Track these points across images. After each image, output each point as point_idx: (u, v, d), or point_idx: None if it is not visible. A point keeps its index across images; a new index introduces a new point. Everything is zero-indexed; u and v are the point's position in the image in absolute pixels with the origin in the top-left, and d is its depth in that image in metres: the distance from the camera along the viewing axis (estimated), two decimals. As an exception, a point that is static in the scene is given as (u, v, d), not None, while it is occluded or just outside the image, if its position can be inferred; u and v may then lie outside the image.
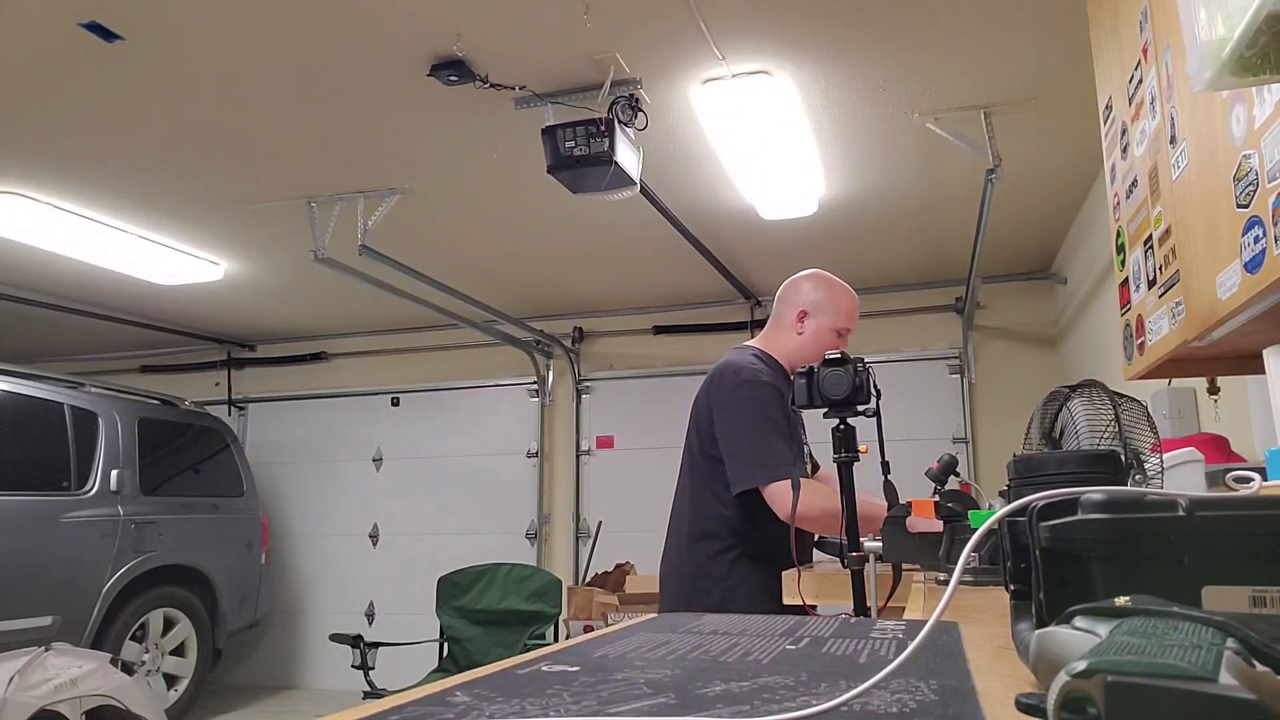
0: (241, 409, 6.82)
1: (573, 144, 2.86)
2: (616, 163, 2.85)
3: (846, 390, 1.78)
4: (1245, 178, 1.10)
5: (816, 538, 2.45)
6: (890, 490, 1.85)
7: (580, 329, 6.18)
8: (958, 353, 5.54)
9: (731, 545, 2.05)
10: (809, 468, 2.19)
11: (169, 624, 4.96)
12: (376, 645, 3.98)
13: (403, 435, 6.42)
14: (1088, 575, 0.54)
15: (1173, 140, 1.40)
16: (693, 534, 2.09)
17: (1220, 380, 1.81)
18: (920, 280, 5.51)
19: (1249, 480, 0.73)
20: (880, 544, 1.76)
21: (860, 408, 1.83)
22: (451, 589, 4.31)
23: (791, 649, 0.73)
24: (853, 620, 0.93)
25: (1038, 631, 0.50)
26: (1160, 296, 1.51)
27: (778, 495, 1.91)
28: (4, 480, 4.13)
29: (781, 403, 1.99)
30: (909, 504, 1.76)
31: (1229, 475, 0.80)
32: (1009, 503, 0.63)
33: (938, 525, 1.61)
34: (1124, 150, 1.71)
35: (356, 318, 6.22)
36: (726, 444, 2.01)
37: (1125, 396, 1.32)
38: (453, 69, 2.82)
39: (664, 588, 2.16)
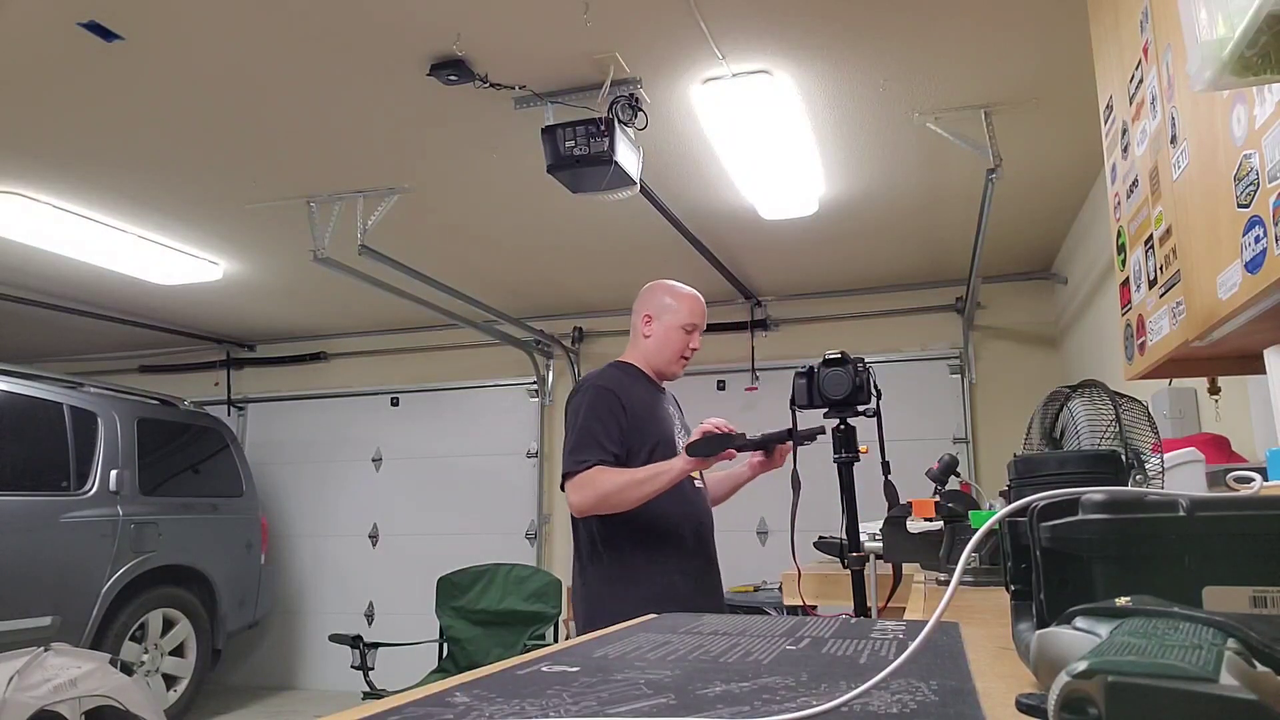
0: (241, 409, 6.81)
1: (573, 144, 2.86)
2: (616, 162, 2.85)
3: (847, 390, 1.78)
4: (1246, 177, 1.10)
5: (817, 538, 2.44)
6: (890, 490, 1.85)
7: (580, 329, 6.18)
8: (958, 353, 5.54)
9: (609, 562, 2.10)
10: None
11: (168, 624, 4.96)
12: (376, 645, 3.97)
13: (403, 435, 6.42)
14: (1088, 576, 0.54)
15: (1173, 140, 1.40)
16: (579, 556, 2.17)
17: (1221, 380, 1.81)
18: (920, 280, 5.51)
19: (1250, 480, 0.73)
20: (880, 543, 1.76)
21: (860, 408, 1.83)
22: (451, 589, 4.30)
23: (792, 649, 0.73)
24: (853, 621, 0.93)
25: (1038, 632, 0.50)
26: (1161, 296, 1.51)
27: (570, 489, 2.03)
28: (3, 480, 4.13)
29: (609, 400, 2.10)
30: (909, 504, 1.77)
31: (1230, 475, 0.80)
32: (1009, 503, 0.63)
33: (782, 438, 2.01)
34: (1124, 150, 1.71)
35: (356, 318, 6.22)
36: None
37: (1126, 396, 1.32)
38: (452, 69, 2.82)
39: (574, 613, 2.23)
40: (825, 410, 1.85)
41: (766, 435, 1.98)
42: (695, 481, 2.18)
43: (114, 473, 4.67)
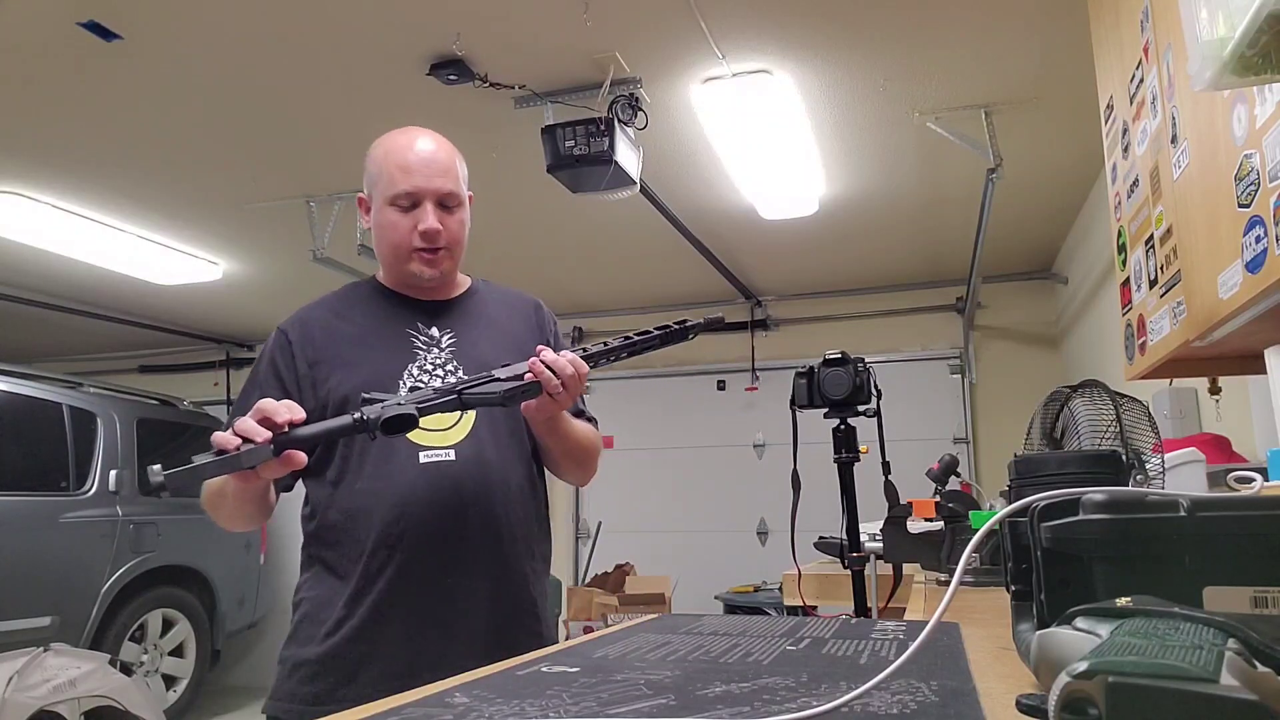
0: (241, 409, 6.81)
1: (572, 143, 2.86)
2: (616, 162, 2.85)
3: (847, 390, 1.78)
4: (1246, 177, 1.10)
5: (817, 538, 2.44)
6: (891, 490, 1.85)
7: (580, 329, 6.18)
8: (958, 353, 5.54)
9: (301, 588, 1.43)
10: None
11: (168, 625, 4.96)
12: (376, 645, 3.96)
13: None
14: (1089, 576, 0.54)
15: (1174, 139, 1.40)
16: None
17: (1222, 380, 1.81)
18: (921, 280, 5.51)
19: (1250, 481, 0.73)
20: (880, 544, 1.76)
21: (861, 408, 1.83)
22: (451, 589, 4.29)
23: (792, 650, 0.73)
24: (853, 621, 0.93)
25: (1039, 632, 0.50)
26: (1161, 296, 1.51)
27: None
28: (3, 480, 4.13)
29: (273, 349, 1.43)
30: (909, 504, 1.77)
31: (1230, 475, 0.80)
32: (1010, 503, 0.63)
33: None
34: (1125, 150, 1.71)
35: (356, 318, 6.21)
36: None
37: (1126, 396, 1.32)
38: (452, 68, 2.82)
39: None
40: (826, 411, 1.85)
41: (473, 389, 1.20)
42: (426, 454, 1.31)
43: (113, 473, 4.66)
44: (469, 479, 1.33)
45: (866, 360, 1.84)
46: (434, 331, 1.43)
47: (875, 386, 1.82)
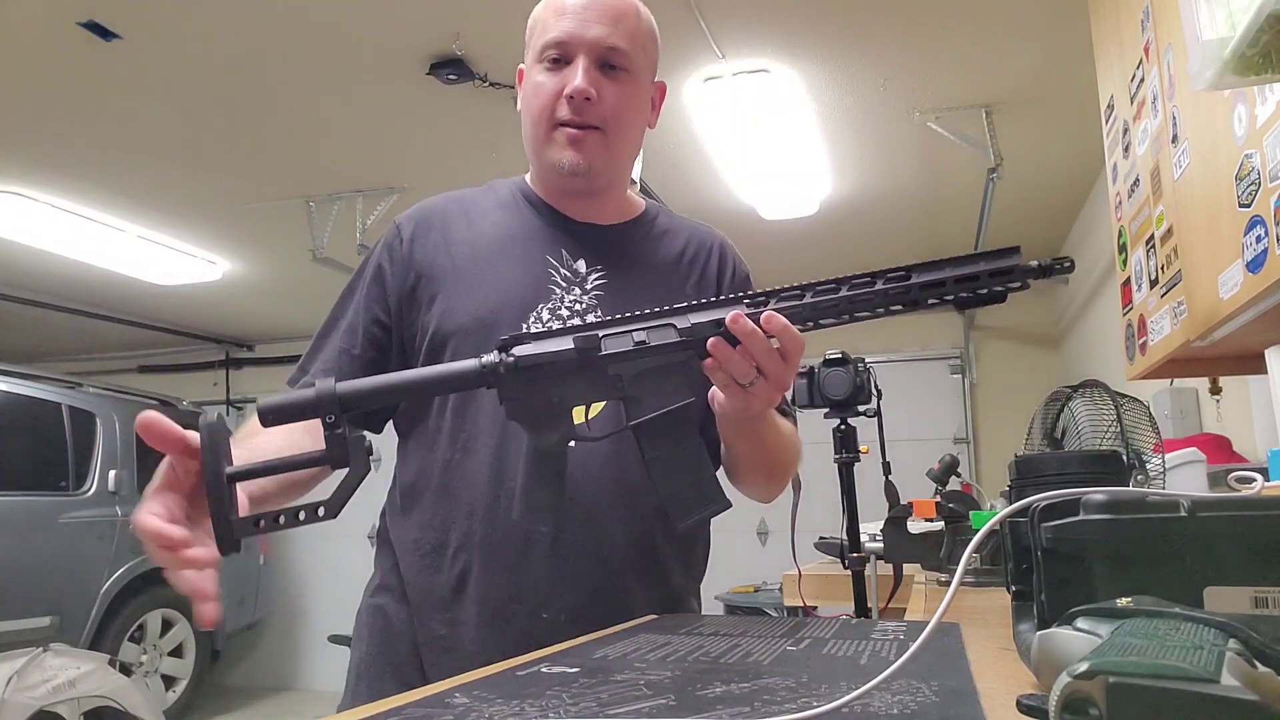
0: (240, 409, 6.81)
1: (573, 144, 2.85)
2: (616, 162, 2.85)
3: (847, 390, 1.78)
4: (1247, 177, 1.10)
5: (817, 539, 2.44)
6: (891, 491, 1.85)
7: (580, 329, 6.17)
8: (959, 353, 5.54)
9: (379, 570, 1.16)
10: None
11: (167, 625, 4.96)
12: (376, 645, 3.96)
13: (402, 435, 6.41)
14: (1089, 576, 0.54)
15: (1175, 139, 1.40)
16: None
17: (1222, 380, 1.81)
18: (920, 280, 5.51)
19: (1251, 481, 0.73)
20: (881, 544, 1.76)
21: (861, 408, 1.83)
22: (451, 589, 4.29)
23: (792, 650, 0.73)
24: (853, 621, 0.93)
25: (1039, 633, 0.50)
26: (1162, 296, 1.51)
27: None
28: (3, 480, 4.13)
29: (381, 251, 1.11)
30: (909, 504, 1.77)
31: (1231, 476, 0.79)
32: (1010, 503, 0.63)
33: None
34: (1126, 149, 1.71)
35: (356, 318, 6.22)
36: None
37: (1127, 396, 1.32)
38: (452, 68, 2.82)
39: None
40: (825, 411, 1.85)
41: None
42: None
43: (113, 473, 4.66)
44: (598, 470, 0.98)
45: (866, 360, 1.84)
46: (580, 266, 1.08)
47: (875, 387, 1.82)
